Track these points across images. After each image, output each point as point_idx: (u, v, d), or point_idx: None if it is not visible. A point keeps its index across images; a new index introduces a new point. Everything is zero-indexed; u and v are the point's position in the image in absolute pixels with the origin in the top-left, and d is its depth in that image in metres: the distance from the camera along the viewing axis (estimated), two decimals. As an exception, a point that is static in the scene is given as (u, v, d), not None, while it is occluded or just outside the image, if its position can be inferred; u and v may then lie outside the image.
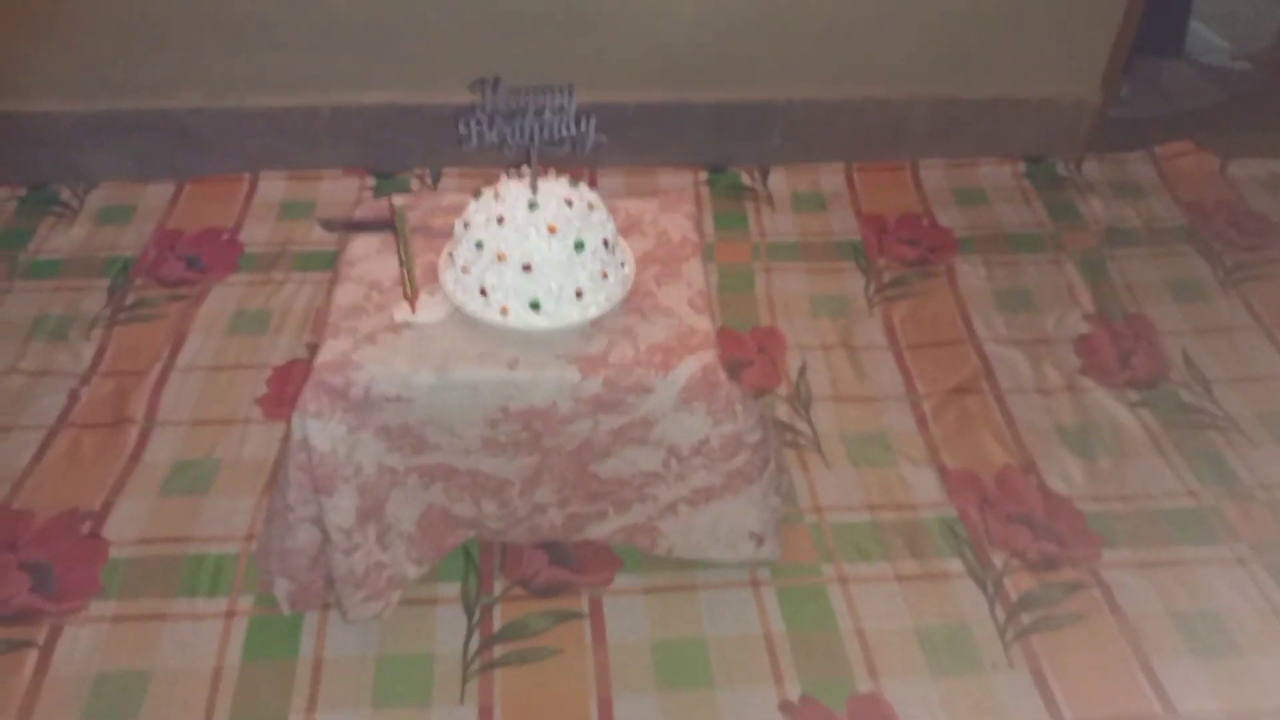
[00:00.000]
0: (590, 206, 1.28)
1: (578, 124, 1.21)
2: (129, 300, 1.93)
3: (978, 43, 2.18)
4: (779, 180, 2.26)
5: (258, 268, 2.01)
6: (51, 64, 2.08)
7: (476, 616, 1.42)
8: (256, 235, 2.09)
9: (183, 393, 1.74)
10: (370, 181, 2.23)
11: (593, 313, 1.27)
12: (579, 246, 1.25)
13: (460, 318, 1.29)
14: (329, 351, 1.25)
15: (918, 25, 2.14)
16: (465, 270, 1.27)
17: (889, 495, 1.60)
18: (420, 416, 1.27)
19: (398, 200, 1.21)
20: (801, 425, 1.71)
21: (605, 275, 1.29)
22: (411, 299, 1.29)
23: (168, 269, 2.00)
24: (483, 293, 1.26)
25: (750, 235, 2.12)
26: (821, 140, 2.29)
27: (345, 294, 1.34)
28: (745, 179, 2.27)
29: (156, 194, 2.18)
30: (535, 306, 1.25)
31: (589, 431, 1.30)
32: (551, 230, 1.23)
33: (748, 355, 1.84)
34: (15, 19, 2.01)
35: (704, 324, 1.31)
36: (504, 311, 1.26)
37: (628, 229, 1.44)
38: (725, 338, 1.86)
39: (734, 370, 1.80)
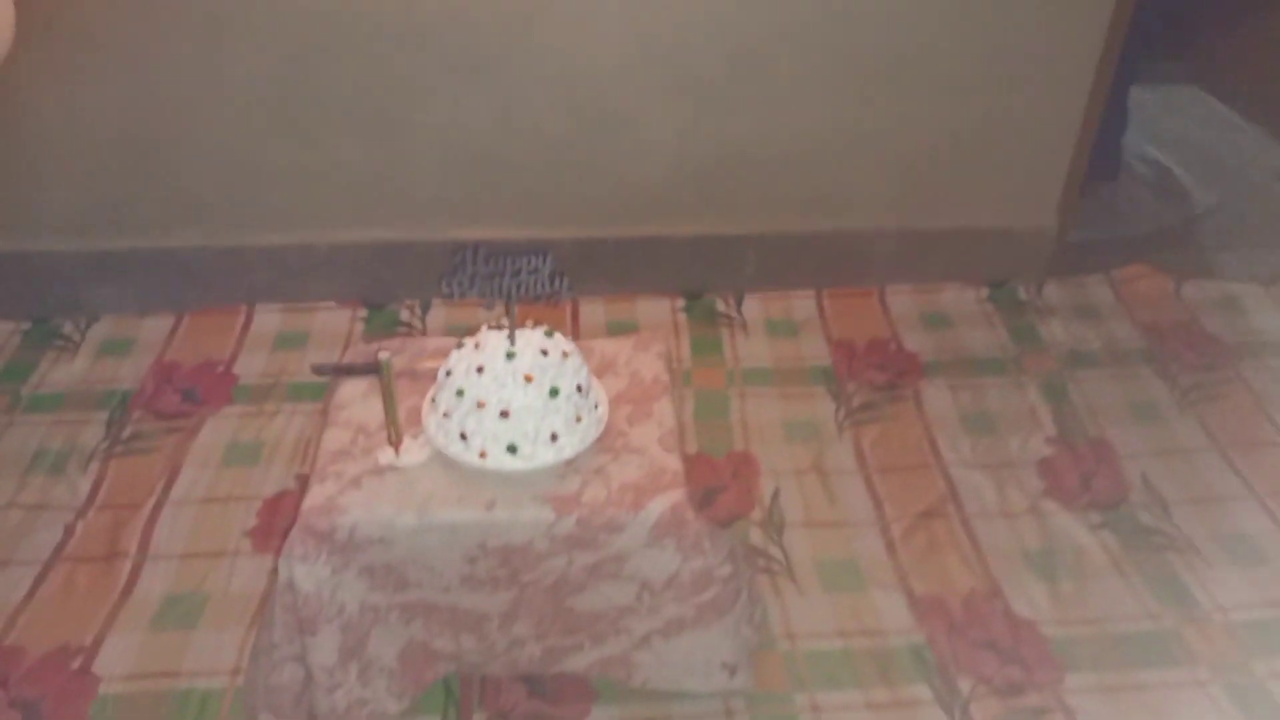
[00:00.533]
0: (565, 355, 1.36)
1: (552, 282, 1.30)
2: (126, 433, 2.00)
3: (938, 176, 2.31)
4: (753, 307, 2.37)
5: (251, 399, 2.09)
6: (55, 203, 2.19)
7: (456, 750, 1.45)
8: (251, 367, 2.18)
9: (175, 526, 1.80)
10: (362, 313, 2.33)
11: (567, 454, 1.35)
12: (554, 393, 1.33)
13: (442, 460, 1.36)
14: (315, 496, 1.32)
15: (880, 161, 2.27)
16: (447, 415, 1.35)
17: (859, 621, 1.65)
18: (402, 556, 1.33)
19: (383, 351, 1.30)
20: (775, 551, 1.77)
21: (579, 419, 1.36)
22: (395, 443, 1.36)
23: (164, 401, 2.08)
24: (463, 437, 1.33)
25: (725, 361, 2.21)
26: (793, 268, 2.40)
27: (333, 438, 1.41)
28: (721, 305, 2.37)
29: (155, 327, 2.27)
30: (512, 450, 1.32)
31: (564, 568, 1.36)
32: (528, 379, 1.31)
33: (722, 481, 1.91)
34: (20, 159, 2.13)
35: (673, 463, 1.38)
36: (483, 455, 1.33)
37: (602, 369, 1.52)
38: (700, 464, 1.93)
39: (708, 498, 1.86)
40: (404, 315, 2.34)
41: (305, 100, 2.10)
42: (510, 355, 1.33)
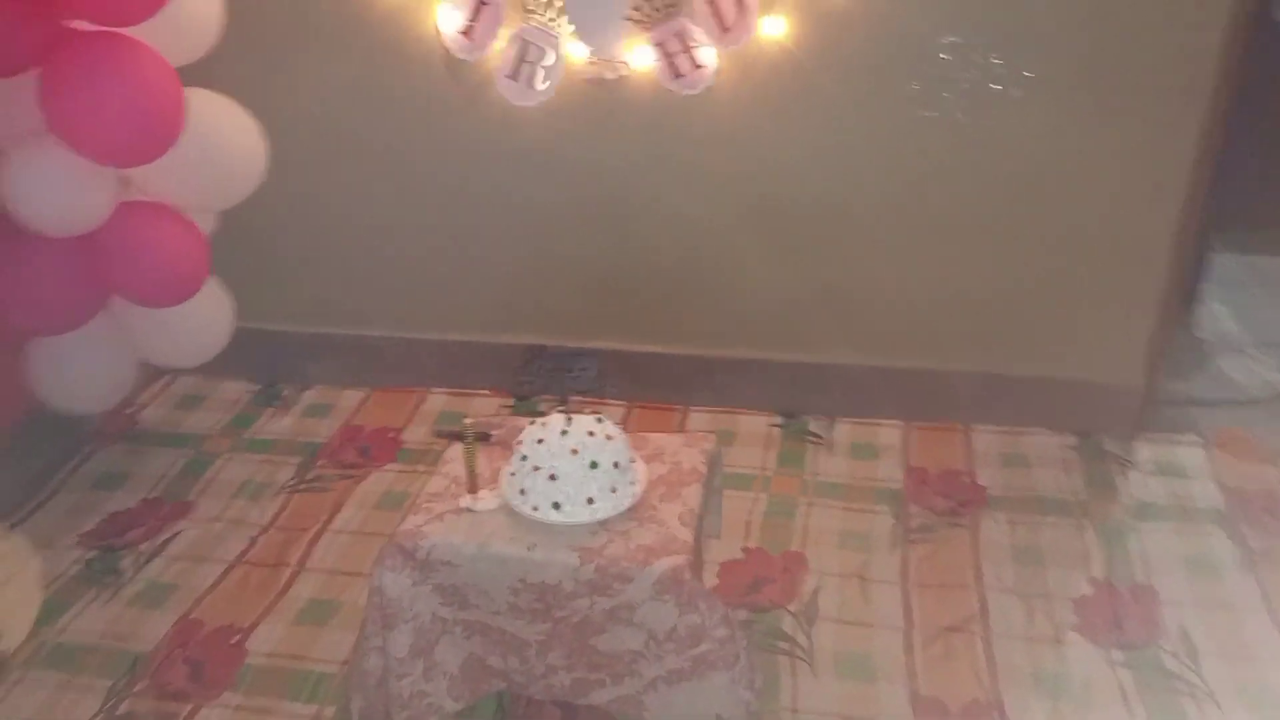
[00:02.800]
0: (608, 437, 1.72)
1: (595, 382, 1.67)
2: (310, 475, 2.53)
3: (1022, 325, 2.50)
4: (843, 430, 2.62)
5: (410, 460, 2.57)
6: (288, 294, 2.82)
7: (496, 753, 1.78)
8: (415, 435, 2.67)
9: (330, 548, 2.27)
10: (509, 401, 2.78)
11: (600, 516, 1.69)
12: (593, 465, 1.68)
13: (506, 509, 1.74)
14: (408, 524, 1.73)
15: (963, 306, 2.50)
16: (513, 474, 1.74)
17: (861, 707, 1.84)
18: (464, 579, 1.70)
19: (468, 421, 1.71)
20: (801, 638, 1.99)
21: (614, 489, 1.71)
22: (473, 491, 1.76)
23: (345, 454, 2.60)
24: (522, 493, 1.71)
25: (804, 473, 2.47)
26: (884, 399, 2.64)
27: (435, 483, 1.83)
28: (813, 426, 2.64)
29: (350, 397, 2.83)
30: (556, 506, 1.68)
31: (587, 609, 1.68)
32: (574, 452, 1.68)
33: (771, 574, 2.16)
34: (266, 261, 2.76)
35: (685, 535, 1.69)
36: (535, 508, 1.70)
37: (651, 456, 1.86)
38: (756, 556, 2.20)
39: (755, 585, 2.12)
40: (541, 406, 2.77)
41: (467, 226, 2.63)
42: (564, 433, 1.70)
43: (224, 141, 2.31)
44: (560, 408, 1.75)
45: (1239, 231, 2.89)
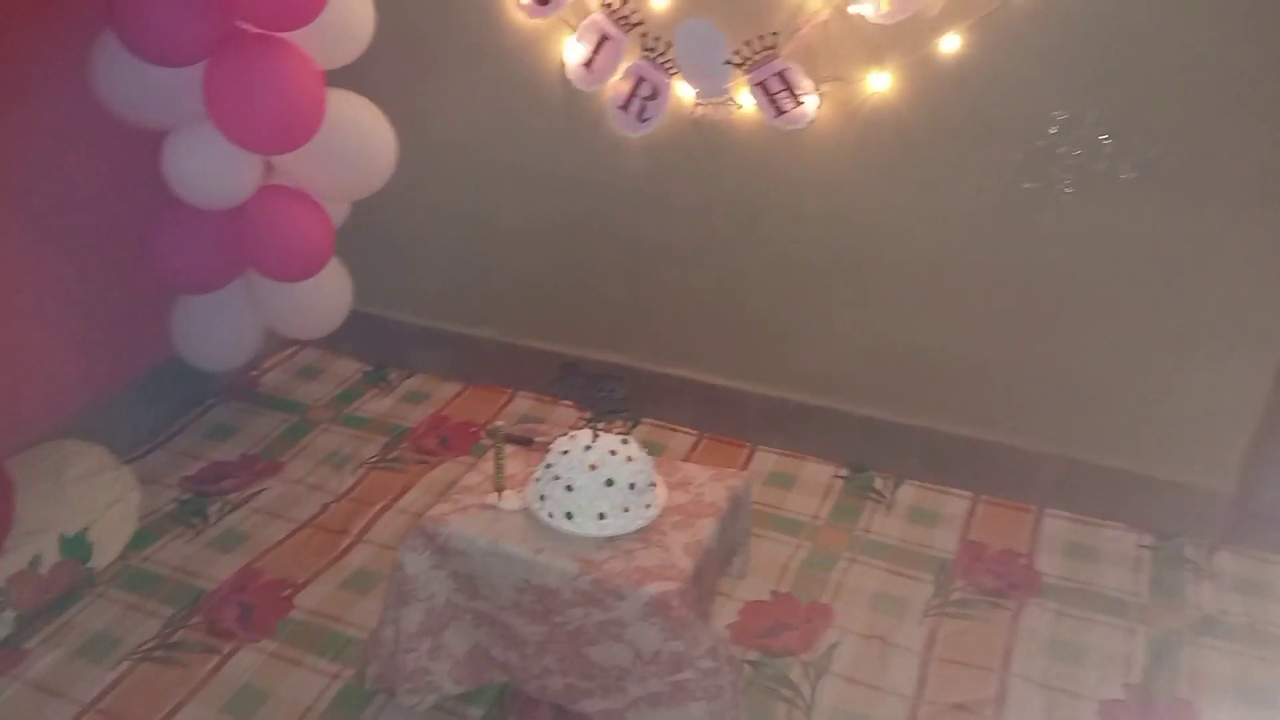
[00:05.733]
0: (629, 459, 1.79)
1: (619, 404, 1.75)
2: (391, 455, 2.71)
3: (1108, 414, 2.39)
4: (909, 493, 2.58)
5: (480, 455, 2.71)
6: (404, 287, 3.03)
7: (487, 741, 1.87)
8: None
9: (390, 525, 2.44)
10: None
11: (609, 532, 1.76)
12: (609, 483, 1.76)
13: (526, 512, 1.84)
14: (435, 510, 1.85)
15: (1048, 386, 2.42)
16: (538, 480, 1.83)
17: (847, 769, 1.82)
18: (476, 570, 1.81)
19: (498, 424, 1.83)
20: (806, 689, 1.99)
21: (626, 509, 1.78)
22: (498, 490, 1.87)
23: (426, 441, 2.77)
24: (541, 498, 1.80)
25: (855, 528, 2.45)
26: (957, 468, 2.58)
27: (470, 479, 1.95)
28: (879, 483, 2.61)
29: (447, 389, 3.01)
30: (569, 516, 1.77)
31: (581, 619, 1.75)
32: (592, 467, 1.76)
33: (794, 621, 2.16)
34: (388, 253, 2.99)
35: (687, 564, 1.74)
36: (550, 515, 1.79)
37: (676, 485, 1.92)
38: (783, 601, 2.21)
39: (775, 630, 2.13)
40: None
41: (576, 247, 2.75)
42: (587, 448, 1.79)
43: (358, 139, 2.53)
44: (599, 424, 1.82)
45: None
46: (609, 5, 2.37)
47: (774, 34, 2.25)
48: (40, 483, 2.24)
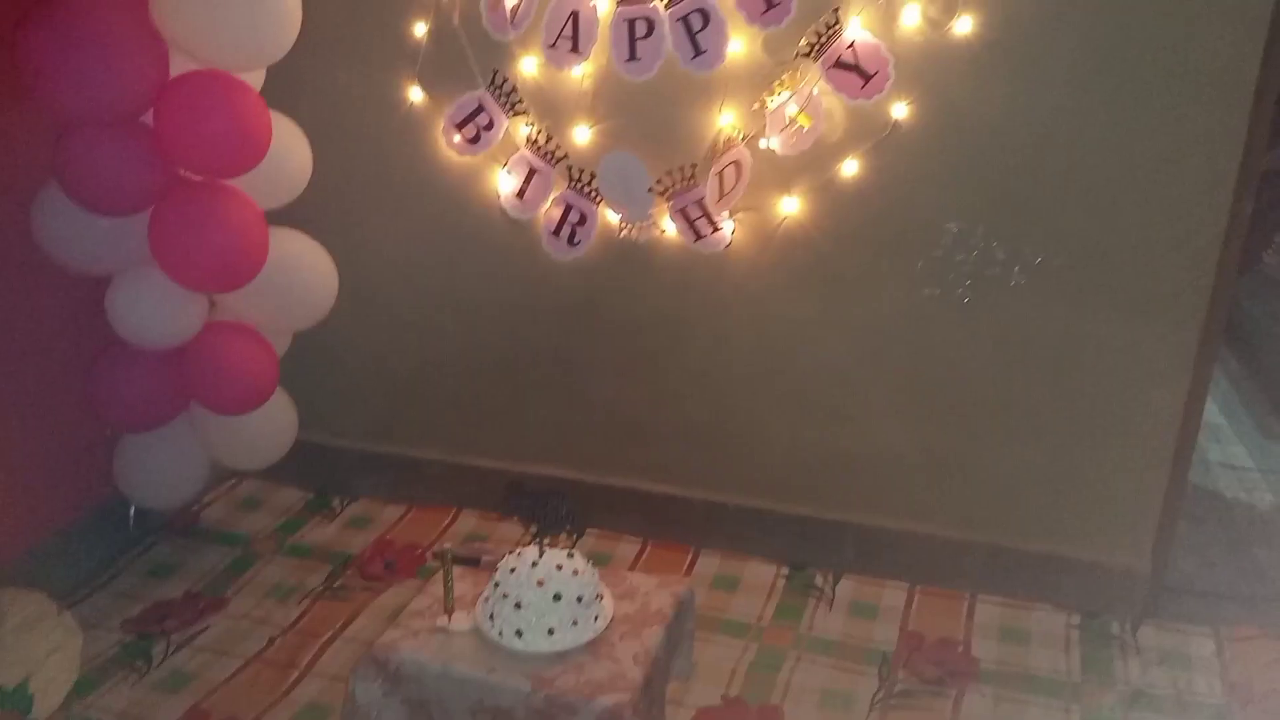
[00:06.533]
0: (575, 572, 1.86)
1: (564, 519, 1.83)
2: (337, 583, 2.72)
3: (1029, 497, 2.52)
4: (847, 587, 2.66)
5: (427, 578, 2.72)
6: (342, 414, 3.09)
7: None
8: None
9: (338, 655, 2.43)
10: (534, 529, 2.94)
11: (559, 647, 1.81)
12: (557, 598, 1.82)
13: (477, 632, 1.88)
14: (386, 637, 1.89)
15: (969, 478, 2.55)
16: (486, 599, 1.88)
17: None
18: (429, 695, 1.83)
19: (445, 546, 1.88)
20: (759, 792, 2.02)
21: (575, 623, 1.83)
22: (449, 613, 1.91)
23: (371, 567, 2.78)
24: (491, 618, 1.85)
25: (799, 626, 2.52)
26: (891, 561, 2.68)
27: (419, 603, 1.99)
28: (819, 580, 2.69)
29: (391, 513, 3.04)
30: (519, 634, 1.82)
31: (537, 735, 1.78)
32: (540, 584, 1.82)
33: (744, 723, 2.21)
34: (324, 384, 3.05)
35: (636, 675, 1.79)
36: (500, 634, 1.83)
37: (622, 594, 1.98)
38: (733, 706, 2.26)
39: (726, 734, 2.17)
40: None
41: (512, 365, 2.85)
42: (534, 564, 1.85)
43: (300, 273, 2.63)
44: (544, 539, 1.89)
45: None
46: (534, 141, 2.54)
47: (693, 165, 2.43)
48: (-22, 635, 2.21)
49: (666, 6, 2.30)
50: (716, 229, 2.46)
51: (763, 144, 2.36)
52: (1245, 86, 2.08)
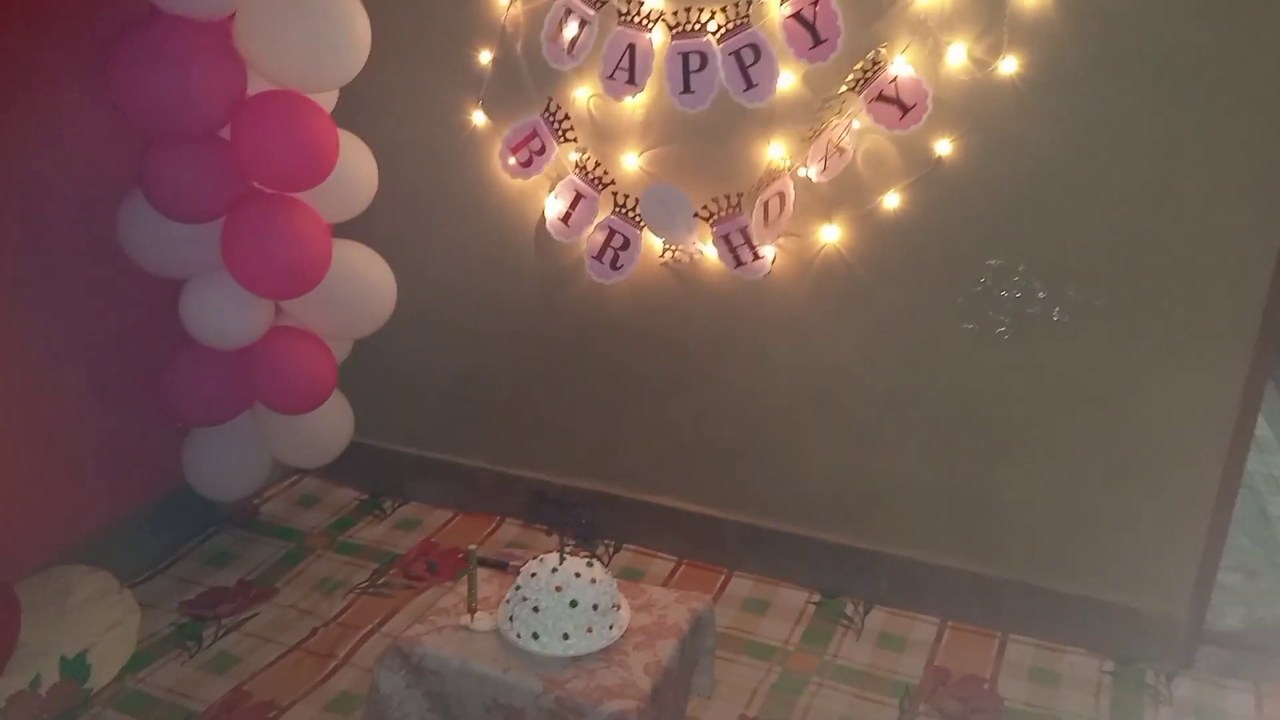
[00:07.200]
0: (593, 581, 1.92)
1: (587, 529, 1.89)
2: (381, 580, 2.83)
3: (1067, 539, 2.50)
4: (877, 618, 2.67)
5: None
6: (401, 419, 3.21)
7: None
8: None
9: (375, 649, 2.53)
10: (573, 539, 3.01)
11: (573, 652, 1.87)
12: (573, 604, 1.88)
13: (498, 632, 1.95)
14: (411, 631, 1.97)
15: (1009, 516, 2.53)
16: (508, 601, 1.96)
17: None
18: (448, 689, 1.91)
19: (471, 548, 1.96)
20: (767, 812, 2.05)
21: (590, 630, 1.89)
22: (471, 612, 1.99)
23: (415, 567, 2.89)
24: (510, 619, 1.93)
25: (825, 653, 2.53)
26: (926, 594, 2.67)
27: (447, 601, 2.08)
28: (849, 609, 2.70)
29: (438, 517, 3.15)
30: (535, 637, 1.88)
31: (547, 736, 1.85)
32: (558, 589, 1.89)
33: (760, 744, 2.23)
34: (387, 389, 3.18)
35: (645, 684, 1.84)
36: (518, 635, 1.90)
37: (641, 606, 2.03)
38: (749, 725, 2.28)
39: (740, 752, 2.20)
40: (599, 550, 2.98)
41: (560, 380, 2.93)
42: (554, 570, 1.92)
43: (360, 284, 2.76)
44: (568, 547, 1.96)
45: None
46: (582, 167, 2.63)
47: (739, 194, 2.49)
48: (46, 606, 2.37)
49: (720, 40, 2.37)
50: (758, 256, 2.51)
51: (802, 172, 2.41)
52: (1295, 133, 2.06)
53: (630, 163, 2.58)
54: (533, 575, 1.92)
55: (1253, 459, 3.59)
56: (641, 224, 2.61)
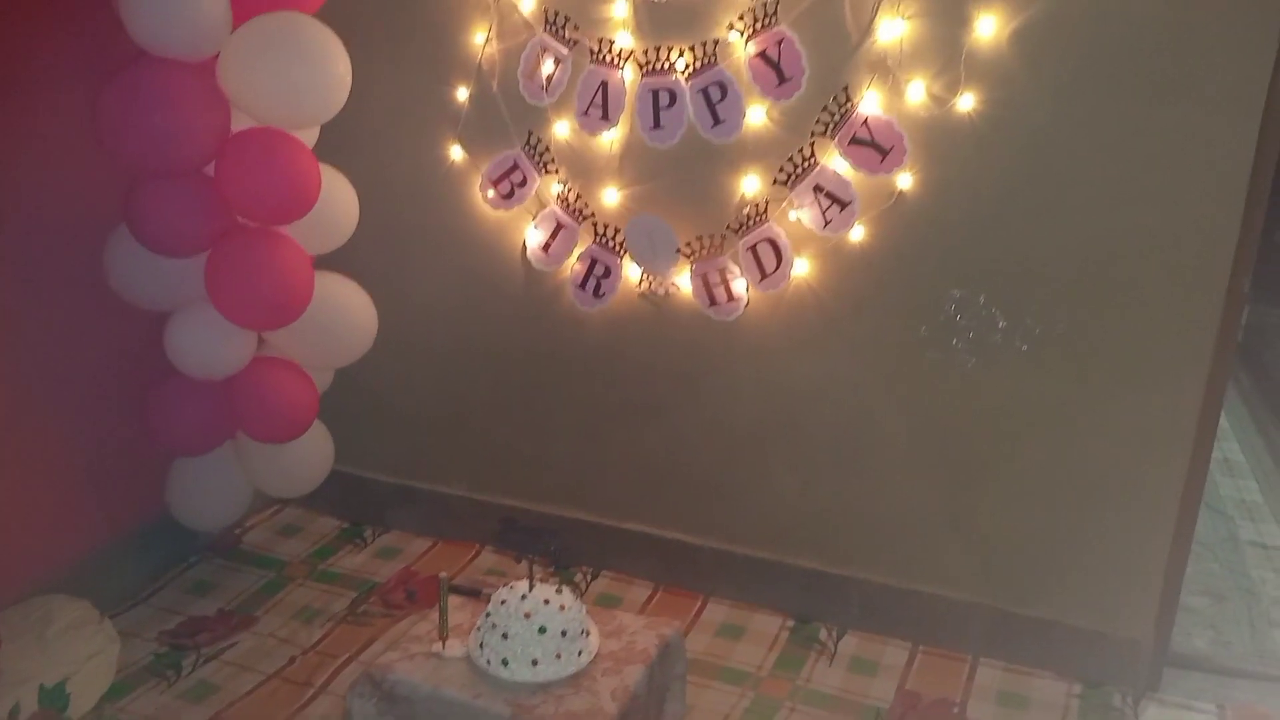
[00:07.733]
0: (562, 608, 1.96)
1: (552, 556, 1.93)
2: (360, 609, 2.86)
3: (1033, 563, 2.54)
4: (850, 643, 2.70)
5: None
6: (378, 448, 3.25)
7: None
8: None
9: (352, 677, 2.55)
10: (552, 566, 3.05)
11: (541, 678, 1.91)
12: (542, 630, 1.92)
13: (468, 659, 1.99)
14: (384, 658, 2.01)
15: (973, 540, 2.58)
16: (478, 628, 1.99)
17: None
18: (418, 716, 1.95)
19: (443, 575, 2.00)
20: (735, 836, 2.08)
21: (559, 656, 1.93)
22: (442, 639, 2.02)
23: (394, 595, 2.92)
24: (480, 646, 1.96)
25: (797, 679, 2.57)
26: (896, 619, 2.71)
27: (419, 629, 2.11)
28: (823, 634, 2.74)
29: (419, 545, 3.18)
30: (504, 663, 1.92)
31: (516, 761, 1.88)
32: (527, 616, 1.93)
33: (730, 769, 2.26)
34: (362, 417, 3.22)
35: (612, 709, 1.87)
36: (488, 662, 1.94)
37: (610, 633, 2.07)
38: (720, 751, 2.31)
39: (711, 777, 2.22)
40: (576, 577, 3.01)
41: (538, 409, 2.98)
42: (523, 597, 1.96)
43: (342, 315, 2.81)
44: (537, 573, 2.00)
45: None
46: (563, 199, 2.70)
47: (722, 236, 2.56)
48: (25, 635, 2.40)
49: (688, 79, 2.45)
50: (732, 298, 2.57)
51: (792, 215, 2.47)
52: (1242, 169, 2.13)
53: (611, 197, 2.64)
54: (503, 602, 1.96)
55: (1225, 483, 3.65)
56: (622, 253, 2.67)
